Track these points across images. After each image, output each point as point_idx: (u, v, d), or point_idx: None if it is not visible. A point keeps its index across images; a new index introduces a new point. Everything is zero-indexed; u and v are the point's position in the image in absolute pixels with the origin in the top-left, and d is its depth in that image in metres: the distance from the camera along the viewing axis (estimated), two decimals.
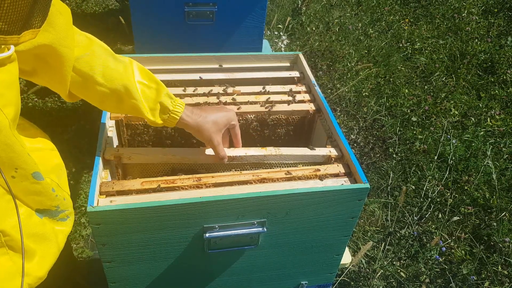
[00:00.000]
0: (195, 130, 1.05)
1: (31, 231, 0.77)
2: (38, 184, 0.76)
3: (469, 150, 2.64)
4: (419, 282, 1.92)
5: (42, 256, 0.80)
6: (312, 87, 1.41)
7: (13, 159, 0.69)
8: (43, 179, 0.77)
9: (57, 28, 0.78)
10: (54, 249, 0.83)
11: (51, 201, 0.81)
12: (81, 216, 2.12)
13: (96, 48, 0.92)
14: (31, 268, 0.78)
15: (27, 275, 0.77)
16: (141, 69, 1.00)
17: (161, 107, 1.00)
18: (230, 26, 2.01)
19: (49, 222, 0.83)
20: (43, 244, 0.80)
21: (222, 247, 1.06)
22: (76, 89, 0.93)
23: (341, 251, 1.21)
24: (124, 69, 0.96)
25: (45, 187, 0.78)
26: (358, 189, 1.02)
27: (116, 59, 0.96)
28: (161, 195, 0.99)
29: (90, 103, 0.99)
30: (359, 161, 1.98)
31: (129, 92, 0.96)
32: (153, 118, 1.01)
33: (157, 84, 1.01)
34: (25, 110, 2.62)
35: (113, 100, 0.97)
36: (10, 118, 0.67)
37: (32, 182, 0.75)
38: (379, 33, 3.88)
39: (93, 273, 1.81)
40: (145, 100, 0.99)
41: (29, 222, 0.77)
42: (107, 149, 1.09)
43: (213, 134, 1.06)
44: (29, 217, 0.77)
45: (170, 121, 1.02)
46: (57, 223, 0.85)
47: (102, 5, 3.97)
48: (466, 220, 2.25)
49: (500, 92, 3.19)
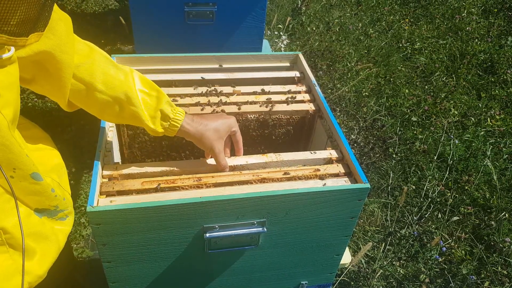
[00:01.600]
0: (196, 139, 1.05)
1: (30, 230, 0.77)
2: (37, 185, 0.76)
3: (469, 150, 2.64)
4: (419, 282, 1.92)
5: (42, 254, 0.80)
6: (312, 87, 1.41)
7: (11, 160, 0.69)
8: (42, 180, 0.77)
9: (57, 35, 0.78)
10: (54, 248, 0.83)
11: (50, 201, 0.81)
12: (81, 216, 2.12)
13: (96, 56, 0.92)
14: (31, 266, 0.78)
15: (27, 274, 0.77)
16: (142, 78, 1.00)
17: (162, 114, 1.00)
18: (230, 26, 2.01)
19: (48, 221, 0.83)
20: (43, 243, 0.80)
21: (222, 247, 1.06)
22: (76, 97, 0.93)
23: (341, 251, 1.21)
24: (125, 77, 0.96)
25: (44, 187, 0.78)
26: (358, 189, 1.02)
27: (117, 68, 0.96)
28: (161, 195, 0.99)
29: (90, 112, 0.99)
30: (359, 161, 1.98)
31: (129, 99, 0.95)
32: (153, 126, 1.00)
33: (158, 92, 1.01)
34: (25, 110, 2.62)
35: (113, 108, 0.96)
36: (8, 119, 0.67)
37: (31, 182, 0.75)
38: (379, 33, 3.88)
39: (93, 273, 1.81)
40: (146, 108, 0.98)
41: (28, 221, 0.77)
42: (105, 166, 1.08)
43: (215, 142, 1.05)
44: (28, 216, 0.77)
45: (171, 129, 1.02)
46: (56, 222, 0.85)
47: (102, 5, 3.97)
48: (466, 220, 2.25)
49: (500, 92, 3.19)
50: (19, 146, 0.71)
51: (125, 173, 1.05)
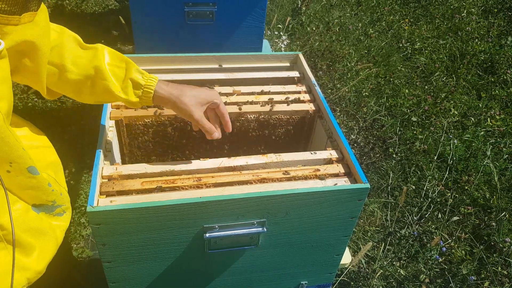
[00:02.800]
0: (172, 103, 1.01)
1: (28, 226, 0.77)
2: (34, 179, 0.77)
3: (469, 150, 2.64)
4: (418, 282, 1.92)
5: (41, 250, 0.80)
6: (312, 87, 1.41)
7: (7, 153, 0.69)
8: (38, 174, 0.77)
9: (40, 25, 0.79)
10: (52, 244, 0.83)
11: (47, 196, 0.81)
12: (81, 216, 2.12)
13: (65, 39, 0.94)
14: (30, 262, 0.78)
15: (26, 270, 0.77)
16: (112, 52, 1.00)
17: (133, 83, 0.98)
18: (230, 26, 2.01)
19: (46, 217, 0.83)
20: (41, 239, 0.80)
21: (222, 247, 1.06)
22: (51, 82, 0.94)
23: (341, 251, 1.21)
24: (94, 55, 0.96)
25: (40, 181, 0.78)
26: (358, 189, 1.02)
27: (86, 47, 0.97)
28: (161, 195, 0.99)
29: (68, 96, 0.99)
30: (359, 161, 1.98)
31: (99, 73, 0.95)
32: (126, 96, 0.98)
33: (128, 63, 1.00)
34: (25, 110, 2.62)
35: (86, 86, 0.96)
36: (3, 112, 0.68)
37: (28, 176, 0.75)
38: (379, 33, 3.88)
39: (93, 273, 1.81)
40: (116, 80, 0.97)
41: (26, 217, 0.77)
42: (105, 166, 1.07)
43: (193, 107, 1.01)
44: (26, 212, 0.77)
45: (145, 96, 0.99)
46: (54, 218, 0.85)
47: (102, 5, 3.97)
48: (466, 220, 2.25)
49: (500, 92, 3.19)
50: (15, 139, 0.71)
51: (125, 173, 1.05)
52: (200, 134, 1.36)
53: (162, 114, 1.28)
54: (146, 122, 1.29)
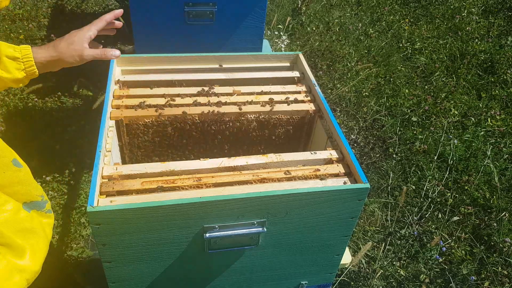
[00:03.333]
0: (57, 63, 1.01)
1: (19, 227, 0.77)
2: (20, 172, 0.76)
3: (469, 150, 2.64)
4: (419, 282, 1.92)
5: (33, 251, 0.80)
6: (312, 87, 1.41)
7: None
8: (22, 166, 0.77)
9: None
10: (43, 242, 0.83)
11: (36, 190, 0.81)
12: (81, 216, 2.12)
13: None
14: (25, 264, 0.78)
15: (23, 272, 0.77)
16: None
17: (8, 58, 0.96)
18: (230, 26, 2.01)
19: (37, 215, 0.83)
20: (32, 239, 0.80)
21: (222, 247, 1.06)
22: None
23: (341, 251, 1.21)
24: None
25: (26, 174, 0.78)
26: (358, 189, 1.02)
27: None
28: (161, 195, 0.99)
29: None
30: (359, 161, 1.98)
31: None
32: (9, 75, 0.95)
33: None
34: (25, 110, 2.62)
35: None
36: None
37: (14, 170, 0.75)
38: (379, 33, 3.88)
39: (93, 273, 1.81)
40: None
41: (17, 218, 0.77)
42: (105, 166, 1.07)
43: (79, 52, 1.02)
44: (17, 212, 0.77)
45: (29, 69, 0.97)
46: (45, 215, 0.85)
47: (102, 5, 3.97)
48: (466, 220, 2.25)
49: (500, 92, 3.19)
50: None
51: (125, 173, 1.05)
52: (200, 134, 1.36)
53: (162, 114, 1.28)
54: (146, 122, 1.29)
